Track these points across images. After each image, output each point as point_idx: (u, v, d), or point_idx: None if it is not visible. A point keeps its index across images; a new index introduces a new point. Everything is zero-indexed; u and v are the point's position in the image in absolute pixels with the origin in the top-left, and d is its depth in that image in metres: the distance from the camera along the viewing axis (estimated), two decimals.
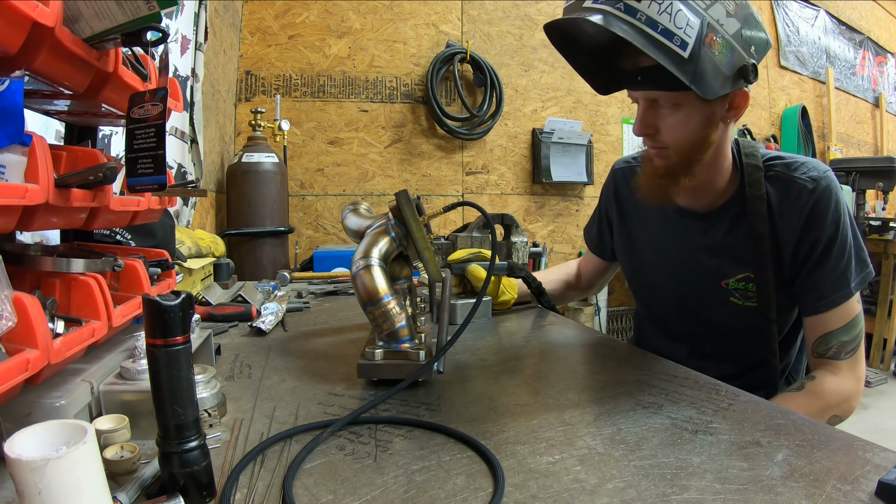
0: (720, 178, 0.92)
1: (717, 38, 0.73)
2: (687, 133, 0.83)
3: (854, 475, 0.44)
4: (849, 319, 0.88)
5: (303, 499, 0.42)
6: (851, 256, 0.88)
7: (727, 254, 0.94)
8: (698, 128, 0.83)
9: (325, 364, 0.77)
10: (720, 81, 0.76)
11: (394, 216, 0.73)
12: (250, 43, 2.53)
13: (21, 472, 0.30)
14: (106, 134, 1.19)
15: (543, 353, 0.86)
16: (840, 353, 0.89)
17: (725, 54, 0.75)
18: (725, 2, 0.74)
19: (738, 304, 0.95)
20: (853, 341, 0.89)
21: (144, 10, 0.52)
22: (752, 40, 0.78)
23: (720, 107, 0.82)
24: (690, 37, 0.71)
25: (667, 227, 1.02)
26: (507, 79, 2.90)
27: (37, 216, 0.51)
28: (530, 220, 3.05)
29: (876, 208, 3.96)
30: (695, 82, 0.73)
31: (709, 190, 0.93)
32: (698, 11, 0.71)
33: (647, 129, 0.85)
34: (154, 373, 0.39)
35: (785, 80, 4.01)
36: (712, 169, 0.90)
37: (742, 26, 0.76)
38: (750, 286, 0.93)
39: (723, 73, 0.75)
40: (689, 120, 0.82)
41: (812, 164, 0.89)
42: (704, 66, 0.73)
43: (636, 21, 0.71)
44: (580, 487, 0.43)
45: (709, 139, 0.84)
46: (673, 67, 0.72)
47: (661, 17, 0.70)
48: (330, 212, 2.66)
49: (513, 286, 1.19)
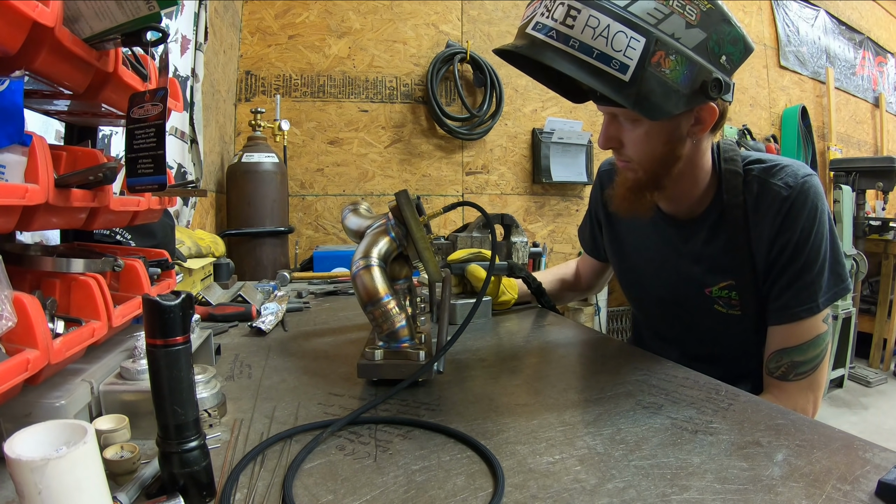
0: (697, 187, 0.89)
1: (669, 56, 0.69)
2: (649, 149, 0.81)
3: (854, 475, 0.45)
4: (807, 339, 0.83)
5: (303, 499, 0.42)
6: (824, 269, 0.83)
7: (708, 262, 0.92)
8: (660, 144, 0.80)
9: (325, 364, 0.77)
10: (673, 101, 0.71)
11: (394, 216, 0.73)
12: (250, 43, 2.53)
13: (21, 472, 0.30)
14: (106, 134, 1.19)
15: (543, 353, 0.86)
16: (788, 373, 0.84)
17: (680, 71, 0.70)
18: (686, 11, 0.69)
19: (722, 311, 0.93)
20: (807, 363, 0.83)
21: (144, 10, 0.52)
22: (724, 48, 0.73)
23: (685, 121, 0.79)
24: (632, 59, 0.67)
25: (651, 231, 1.00)
26: (507, 79, 2.90)
27: (37, 216, 0.51)
28: (530, 220, 3.05)
29: (876, 208, 3.96)
30: (638, 105, 0.69)
31: (687, 198, 0.91)
32: (644, 29, 0.67)
33: (611, 143, 0.84)
34: (154, 373, 0.39)
35: (785, 80, 4.01)
36: (687, 180, 0.87)
37: (710, 36, 0.71)
38: (733, 294, 0.90)
39: (676, 90, 0.70)
40: (650, 136, 0.79)
41: (792, 170, 0.85)
42: (650, 87, 0.68)
43: (569, 49, 0.68)
44: (580, 487, 0.43)
45: (674, 154, 0.81)
46: (611, 93, 0.68)
47: (595, 42, 0.67)
48: (330, 212, 2.66)
49: (513, 286, 1.19)
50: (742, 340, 0.94)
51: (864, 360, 3.75)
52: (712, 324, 0.96)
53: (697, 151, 0.85)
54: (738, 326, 0.92)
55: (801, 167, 0.86)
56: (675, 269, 0.97)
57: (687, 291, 0.96)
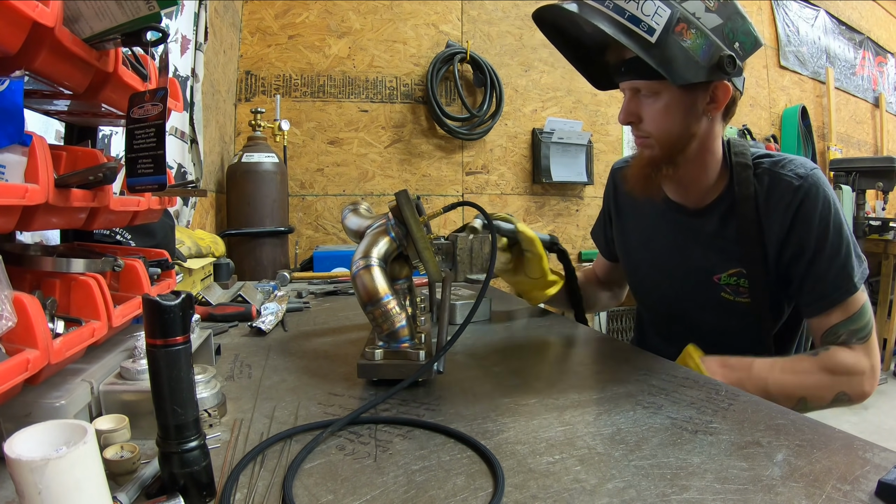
0: (708, 174, 0.93)
1: (690, 29, 0.77)
2: (667, 122, 0.85)
3: (854, 475, 0.44)
4: (854, 311, 0.86)
5: (303, 499, 0.42)
6: (851, 253, 0.86)
7: (718, 249, 0.94)
8: (679, 117, 0.85)
9: (325, 364, 0.77)
10: (693, 69, 0.78)
11: (394, 216, 0.73)
12: (250, 43, 2.53)
13: (21, 472, 0.30)
14: (106, 134, 1.19)
15: (543, 353, 0.86)
16: (850, 339, 0.86)
17: (700, 44, 0.77)
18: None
19: (729, 299, 0.94)
20: (863, 329, 0.86)
21: (144, 10, 0.52)
22: (738, 36, 0.80)
23: (701, 98, 0.84)
24: (658, 24, 0.75)
25: (660, 223, 1.02)
26: (507, 79, 2.90)
27: (37, 216, 0.51)
28: (530, 220, 3.05)
29: (876, 208, 3.96)
30: (663, 66, 0.76)
31: (698, 186, 0.94)
32: (670, 2, 0.76)
33: (630, 118, 0.88)
34: (154, 373, 0.39)
35: (785, 80, 4.01)
36: (699, 164, 0.91)
37: (725, 22, 0.79)
38: (742, 282, 0.93)
39: (696, 61, 0.78)
40: (669, 109, 0.84)
41: (799, 162, 0.89)
42: (673, 53, 0.76)
43: (604, 8, 0.77)
44: (580, 487, 0.43)
45: (690, 130, 0.86)
46: (640, 51, 0.75)
47: (628, 5, 0.76)
48: (330, 212, 2.66)
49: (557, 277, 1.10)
50: (748, 337, 0.94)
51: None
52: (719, 315, 0.97)
53: (710, 135, 0.89)
54: (745, 319, 0.94)
55: (807, 161, 0.90)
56: (683, 259, 0.99)
57: (695, 279, 0.98)
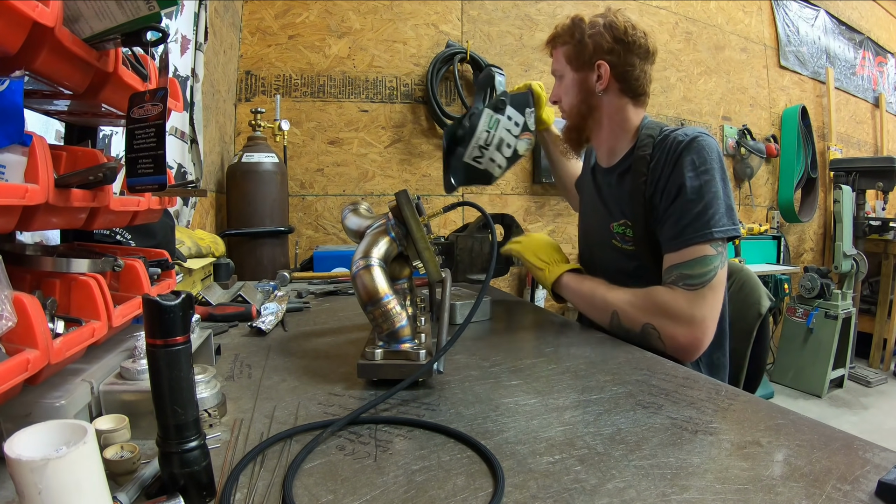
0: (616, 140, 1.11)
1: None
2: (571, 97, 1.11)
3: (854, 475, 0.44)
4: (693, 257, 0.92)
5: (303, 499, 0.42)
6: (717, 206, 0.92)
7: (614, 201, 1.10)
8: (578, 93, 1.10)
9: (325, 364, 0.77)
10: None
11: (394, 216, 0.73)
12: (250, 43, 2.53)
13: (21, 472, 0.30)
14: (106, 134, 1.19)
15: (543, 352, 0.86)
16: (678, 281, 0.93)
17: None
18: None
19: (618, 246, 1.09)
20: (694, 277, 0.92)
21: (144, 10, 0.52)
22: None
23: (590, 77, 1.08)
24: None
25: (589, 181, 1.23)
26: (507, 79, 2.90)
27: (37, 216, 0.51)
28: (530, 220, 3.05)
29: (876, 208, 3.97)
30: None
31: (608, 149, 1.14)
32: None
33: (555, 97, 1.16)
34: (154, 373, 0.39)
35: (785, 80, 4.01)
36: (608, 131, 1.11)
37: None
38: (628, 231, 1.06)
39: None
40: (570, 87, 1.11)
41: (692, 129, 0.99)
42: None
43: None
44: (580, 487, 0.43)
45: (589, 102, 1.09)
46: None
47: None
48: (330, 212, 2.66)
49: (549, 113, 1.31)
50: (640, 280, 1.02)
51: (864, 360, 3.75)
52: (615, 260, 1.10)
53: (615, 108, 1.09)
54: (634, 263, 1.06)
55: (703, 131, 0.99)
56: (594, 211, 1.19)
57: (598, 228, 1.15)
